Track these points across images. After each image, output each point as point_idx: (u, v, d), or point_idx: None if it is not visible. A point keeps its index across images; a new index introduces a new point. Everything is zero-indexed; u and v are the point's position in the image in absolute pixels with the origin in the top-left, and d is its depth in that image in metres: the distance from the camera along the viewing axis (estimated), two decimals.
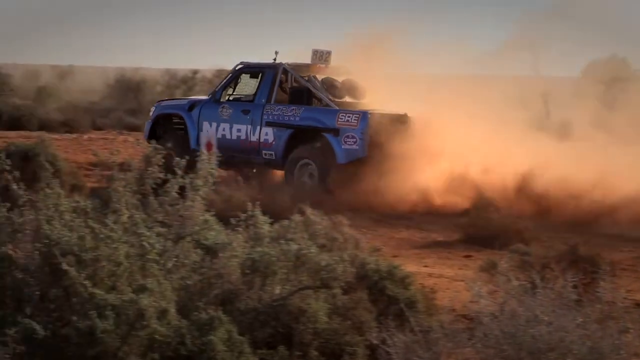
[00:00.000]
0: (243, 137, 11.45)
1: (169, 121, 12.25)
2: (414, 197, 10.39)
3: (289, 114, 11.30)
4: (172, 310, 4.08)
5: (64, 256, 4.00)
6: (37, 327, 3.81)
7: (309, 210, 4.64)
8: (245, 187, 9.35)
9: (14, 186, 4.23)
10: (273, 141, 11.28)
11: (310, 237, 4.38)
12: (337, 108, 11.14)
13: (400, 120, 10.79)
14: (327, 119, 11.03)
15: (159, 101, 13.77)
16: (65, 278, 3.99)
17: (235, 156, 11.13)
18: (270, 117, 11.38)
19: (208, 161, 4.63)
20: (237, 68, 12.08)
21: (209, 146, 10.93)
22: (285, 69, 11.72)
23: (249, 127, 11.42)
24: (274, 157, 11.31)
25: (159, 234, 4.38)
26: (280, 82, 11.73)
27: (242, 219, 4.51)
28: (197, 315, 4.07)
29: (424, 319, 4.12)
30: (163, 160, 4.72)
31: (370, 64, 11.19)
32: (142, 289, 4.11)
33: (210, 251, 4.37)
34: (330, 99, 11.37)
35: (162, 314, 4.08)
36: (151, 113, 12.61)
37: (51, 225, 4.10)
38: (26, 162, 8.00)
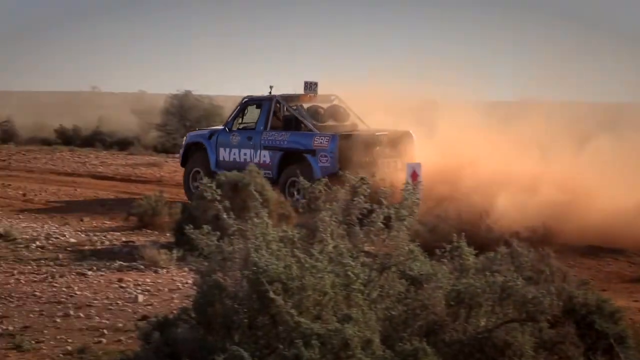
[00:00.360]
0: (248, 159, 13.51)
1: (197, 147, 14.63)
2: None
3: (280, 138, 13.54)
4: (377, 340, 4.15)
5: (271, 284, 4.24)
6: (245, 354, 4.03)
7: (515, 242, 4.53)
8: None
9: (225, 215, 4.57)
10: (269, 162, 13.44)
11: (517, 269, 4.28)
12: (316, 132, 13.25)
13: (405, 136, 13.17)
14: (306, 142, 13.18)
15: (190, 131, 16.33)
16: (272, 306, 4.22)
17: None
18: (266, 141, 13.60)
19: (412, 192, 4.66)
20: (243, 101, 14.50)
21: (222, 167, 13.44)
22: (277, 100, 13.99)
23: (252, 151, 13.75)
24: (271, 176, 13.05)
25: (364, 264, 4.49)
26: (275, 111, 13.97)
27: (447, 249, 4.50)
28: (401, 346, 4.10)
29: (634, 355, 3.87)
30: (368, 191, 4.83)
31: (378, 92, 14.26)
32: (347, 319, 4.22)
33: (415, 282, 4.38)
34: (313, 124, 13.45)
35: (367, 344, 4.16)
36: (184, 141, 15.16)
37: (259, 253, 4.36)
38: (235, 192, 8.66)
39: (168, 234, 10.79)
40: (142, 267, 8.86)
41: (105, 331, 6.54)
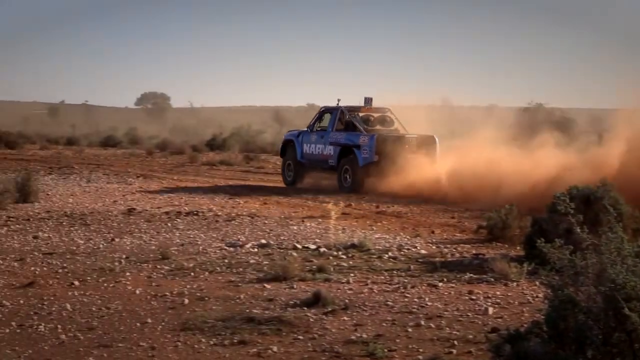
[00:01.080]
0: (321, 152, 20.50)
1: (290, 143, 21.96)
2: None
3: (340, 137, 20.13)
4: None
5: (628, 301, 4.33)
6: None
7: None
8: None
9: (577, 229, 4.75)
10: (333, 154, 20.06)
11: None
12: (362, 132, 19.74)
13: (429, 138, 19.62)
14: (355, 139, 19.61)
15: (287, 132, 24.20)
16: (627, 323, 4.32)
17: (317, 164, 20.87)
18: (332, 139, 20.26)
19: None
20: (321, 110, 21.96)
21: (308, 159, 21.06)
22: (342, 110, 20.58)
23: (323, 146, 20.42)
24: (334, 164, 20.13)
25: None
26: (340, 118, 20.59)
27: None
28: None
29: None
30: None
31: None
32: None
33: None
34: (364, 128, 20.00)
35: None
36: (283, 139, 23.30)
37: (615, 269, 4.47)
38: (587, 206, 8.62)
39: (518, 247, 11.20)
40: (492, 279, 9.26)
41: (455, 342, 6.96)
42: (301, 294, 8.64)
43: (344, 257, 10.90)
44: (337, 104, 21.07)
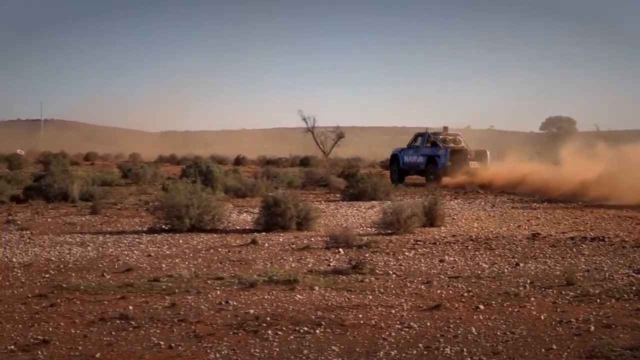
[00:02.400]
0: (415, 161, 38.75)
1: (395, 156, 40.92)
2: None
3: (427, 151, 38.39)
4: None
5: None
6: None
7: None
8: None
9: None
10: (423, 162, 38.31)
11: None
12: (441, 148, 37.91)
13: (482, 152, 38.13)
14: (435, 152, 37.82)
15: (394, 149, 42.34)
16: None
17: (412, 169, 39.52)
18: (422, 152, 38.52)
19: None
20: (415, 134, 40.83)
21: (407, 165, 39.56)
22: (428, 134, 39.14)
23: (416, 157, 38.76)
24: (423, 168, 38.35)
25: None
26: (427, 139, 39.00)
27: None
28: None
29: None
30: None
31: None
32: None
33: None
34: (442, 145, 38.20)
35: None
36: (391, 154, 42.77)
37: None
38: None
39: None
40: None
41: None
42: None
43: None
44: (426, 130, 40.05)
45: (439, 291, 11.70)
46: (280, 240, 17.30)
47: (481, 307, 10.55)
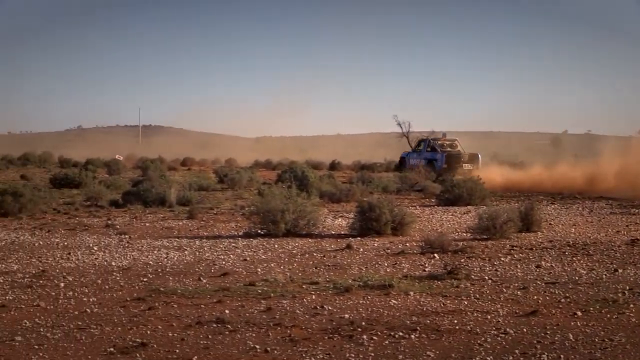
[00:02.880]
0: (418, 163, 43.98)
1: (402, 159, 49.10)
2: None
3: (427, 154, 45.78)
4: None
5: None
6: None
7: None
8: None
9: None
10: (425, 164, 43.46)
11: None
12: (438, 152, 44.97)
13: (474, 155, 44.76)
14: (434, 156, 45.09)
15: (403, 152, 51.36)
16: None
17: (414, 168, 42.53)
18: (423, 155, 45.93)
19: None
20: (418, 139, 50.87)
21: (411, 167, 44.71)
22: (429, 140, 47.53)
23: (419, 159, 45.29)
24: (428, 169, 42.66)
25: None
26: (428, 144, 46.84)
27: None
28: None
29: None
30: None
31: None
32: None
33: None
34: (440, 150, 45.27)
35: None
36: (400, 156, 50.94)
37: None
38: None
39: None
40: None
41: None
42: None
43: None
44: (429, 137, 49.35)
45: (535, 297, 11.59)
46: (375, 245, 17.37)
47: (579, 313, 10.43)
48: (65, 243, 17.87)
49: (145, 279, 13.37)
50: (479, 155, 44.50)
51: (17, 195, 24.38)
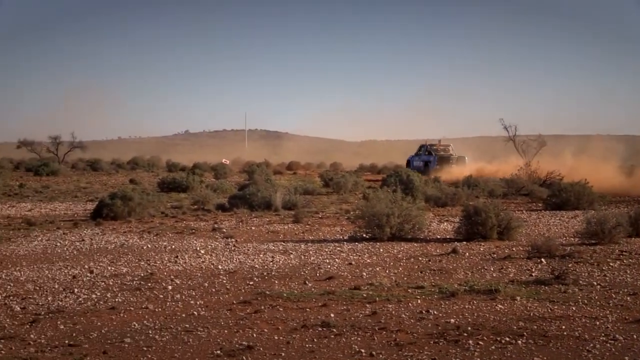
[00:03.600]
0: (418, 164, 58.23)
1: (408, 161, 62.44)
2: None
3: (425, 157, 60.04)
4: None
5: None
6: None
7: None
8: None
9: None
10: (422, 165, 58.36)
11: None
12: (433, 155, 58.89)
13: (461, 157, 59.41)
14: (429, 158, 59.14)
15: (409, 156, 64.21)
16: None
17: (416, 169, 48.85)
18: (422, 158, 60.13)
19: None
20: (420, 145, 62.88)
21: (414, 168, 53.77)
22: (426, 146, 61.40)
23: (419, 162, 59.41)
24: (422, 170, 53.26)
25: None
26: (426, 149, 60.80)
27: None
28: None
29: None
30: None
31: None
32: None
33: None
34: (434, 153, 59.20)
35: None
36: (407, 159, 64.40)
37: None
38: None
39: None
40: None
41: None
42: None
43: None
44: (426, 143, 60.91)
45: None
46: (481, 249, 17.25)
47: None
48: (173, 246, 18.32)
49: (251, 283, 13.60)
50: (466, 158, 59.52)
51: (126, 199, 25.11)
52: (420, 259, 16.11)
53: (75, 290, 12.91)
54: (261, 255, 16.75)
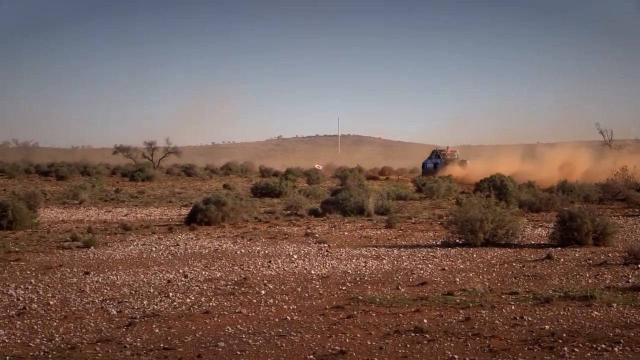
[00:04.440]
0: (430, 166, 71.67)
1: (424, 164, 76.05)
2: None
3: (435, 160, 72.70)
4: None
5: None
6: None
7: None
8: None
9: None
10: (433, 166, 70.73)
11: None
12: (441, 158, 72.09)
13: (463, 161, 71.01)
14: (438, 160, 71.87)
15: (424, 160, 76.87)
16: None
17: (429, 171, 69.68)
18: (433, 160, 72.98)
19: None
20: (432, 150, 77.02)
21: (427, 169, 71.79)
22: (437, 151, 74.77)
23: (431, 164, 72.21)
24: (432, 171, 67.83)
25: None
26: (437, 153, 74.15)
27: None
28: None
29: None
30: None
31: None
32: None
33: None
34: (442, 158, 72.04)
35: None
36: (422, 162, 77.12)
37: None
38: None
39: None
40: None
41: None
42: None
43: None
44: (437, 148, 74.24)
45: None
46: (576, 255, 16.98)
47: None
48: (266, 251, 18.55)
49: (344, 288, 13.69)
50: (467, 161, 69.62)
51: (220, 204, 25.50)
52: (514, 264, 15.96)
53: (170, 294, 13.21)
54: (354, 261, 16.84)
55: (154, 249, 19.12)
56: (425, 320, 10.82)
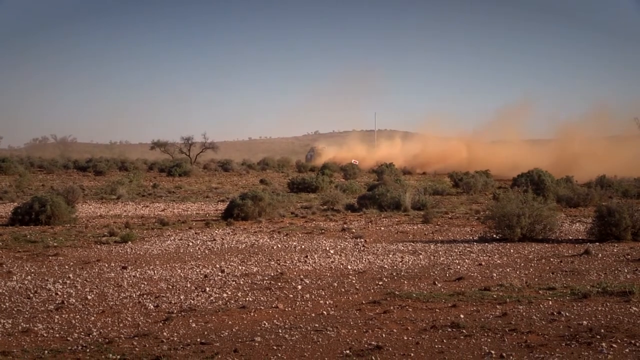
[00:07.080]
0: None
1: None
2: None
3: None
4: None
5: None
6: None
7: None
8: None
9: None
10: None
11: None
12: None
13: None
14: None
15: None
16: None
17: None
18: None
19: None
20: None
21: None
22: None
23: None
24: None
25: None
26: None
27: None
28: None
29: None
30: None
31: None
32: None
33: None
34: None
35: None
36: None
37: None
38: None
39: None
40: None
41: None
42: None
43: None
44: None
45: None
46: (615, 250, 16.85)
47: None
48: (303, 246, 18.59)
49: (380, 283, 13.69)
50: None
51: (257, 199, 25.60)
52: (551, 260, 15.87)
53: (207, 289, 13.29)
54: (390, 256, 16.83)
55: (190, 244, 19.23)
56: (461, 316, 10.79)
